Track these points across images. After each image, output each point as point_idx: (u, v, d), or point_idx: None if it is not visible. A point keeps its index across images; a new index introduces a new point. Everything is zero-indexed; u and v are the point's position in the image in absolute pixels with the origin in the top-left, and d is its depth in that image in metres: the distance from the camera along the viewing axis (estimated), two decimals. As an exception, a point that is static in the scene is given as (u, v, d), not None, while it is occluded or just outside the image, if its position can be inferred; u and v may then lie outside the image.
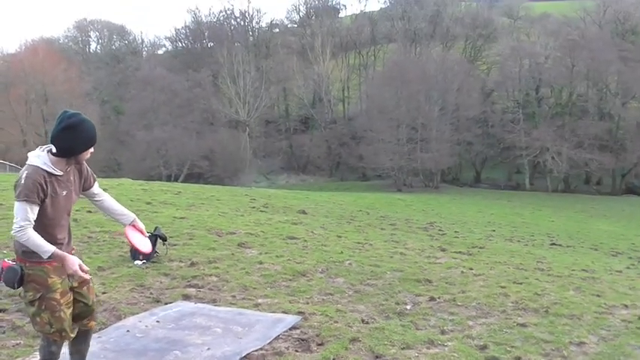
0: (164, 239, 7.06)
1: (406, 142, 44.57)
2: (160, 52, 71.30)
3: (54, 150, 2.95)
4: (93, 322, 3.30)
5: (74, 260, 2.98)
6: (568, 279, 7.35)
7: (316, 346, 4.22)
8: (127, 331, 4.32)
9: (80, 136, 2.95)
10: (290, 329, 4.55)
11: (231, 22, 65.56)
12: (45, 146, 3.01)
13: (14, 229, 2.88)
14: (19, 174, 2.96)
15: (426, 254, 8.73)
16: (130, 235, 3.29)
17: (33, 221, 2.89)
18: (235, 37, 63.30)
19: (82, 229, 8.17)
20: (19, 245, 3.01)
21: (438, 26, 60.08)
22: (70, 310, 3.09)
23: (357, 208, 18.39)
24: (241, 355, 3.98)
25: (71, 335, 3.11)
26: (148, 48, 72.11)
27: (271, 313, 5.01)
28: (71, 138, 2.92)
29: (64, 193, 3.02)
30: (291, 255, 7.64)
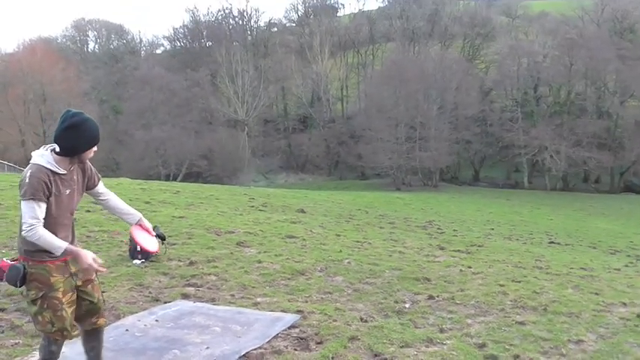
0: (163, 238, 7.03)
1: (405, 141, 44.58)
2: (159, 52, 71.26)
3: (57, 149, 2.96)
4: (102, 320, 3.29)
5: (88, 254, 3.00)
6: (566, 277, 7.37)
7: (315, 345, 4.22)
8: (126, 330, 4.32)
9: (83, 135, 2.97)
10: (289, 328, 4.55)
11: (230, 21, 65.58)
12: (48, 145, 3.02)
13: (24, 229, 2.87)
14: (22, 173, 2.96)
15: (425, 253, 8.74)
16: (136, 235, 3.29)
17: (42, 219, 2.90)
18: (234, 36, 63.25)
19: (81, 228, 8.16)
20: (21, 244, 3.02)
21: (436, 25, 60.11)
22: (72, 309, 3.09)
23: (356, 206, 18.39)
24: (240, 354, 3.98)
25: (73, 334, 3.11)
26: (146, 47, 72.15)
27: (270, 311, 5.01)
28: (74, 137, 2.94)
29: (67, 192, 3.03)
30: (290, 254, 7.64)
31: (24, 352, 3.82)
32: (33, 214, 2.86)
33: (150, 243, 3.33)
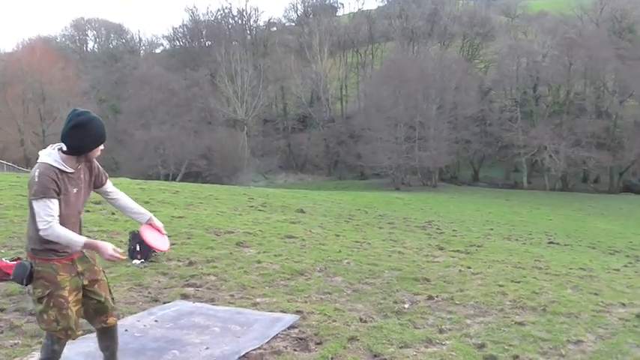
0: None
1: (404, 141, 44.59)
2: (158, 51, 71.27)
3: (64, 148, 2.98)
4: (112, 319, 3.29)
5: (107, 245, 3.02)
6: (566, 277, 7.37)
7: (314, 345, 4.22)
8: (126, 331, 4.31)
9: (90, 134, 3.00)
10: (288, 328, 4.56)
11: (229, 20, 65.60)
12: (55, 144, 3.04)
13: (41, 228, 2.88)
14: (30, 173, 2.98)
15: (424, 253, 8.74)
16: (146, 234, 3.29)
17: (57, 216, 2.91)
18: (233, 35, 63.25)
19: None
20: (28, 242, 3.04)
21: (435, 24, 60.14)
22: (77, 308, 3.11)
23: (356, 206, 18.39)
24: (240, 355, 3.98)
25: (77, 334, 3.12)
26: (145, 47, 72.20)
27: (269, 312, 5.01)
28: (81, 136, 2.97)
29: (74, 190, 3.05)
30: (290, 254, 7.64)
31: (23, 352, 3.82)
32: (47, 211, 2.88)
33: (160, 242, 3.32)
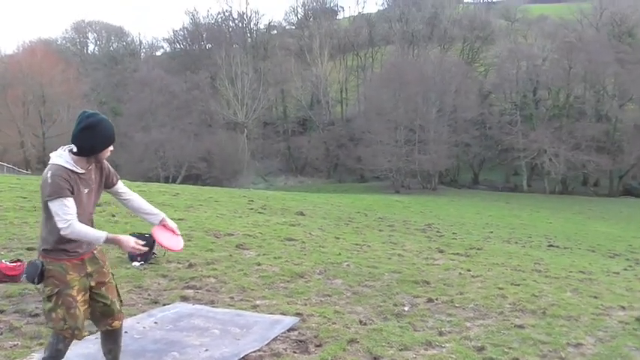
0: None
1: (404, 144, 44.62)
2: (158, 54, 71.31)
3: (75, 149, 3.02)
4: (117, 322, 3.31)
5: (129, 239, 3.07)
6: (565, 280, 7.38)
7: (314, 348, 4.22)
8: (125, 333, 4.28)
9: (99, 135, 3.03)
10: (288, 331, 4.56)
11: (229, 23, 65.67)
12: (66, 146, 3.07)
13: (61, 227, 2.91)
14: (43, 175, 3.01)
15: (424, 256, 8.74)
16: (158, 235, 3.29)
17: (75, 213, 2.95)
18: (233, 38, 63.33)
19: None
20: (40, 242, 3.09)
21: (435, 28, 60.21)
22: (85, 309, 3.13)
23: (355, 209, 18.39)
24: (239, 357, 3.98)
25: (83, 335, 3.15)
26: (145, 49, 72.21)
27: (269, 314, 5.01)
28: (91, 137, 3.00)
29: (85, 191, 3.09)
30: (289, 256, 7.64)
31: (23, 353, 3.82)
32: (65, 210, 2.92)
33: (173, 242, 3.32)
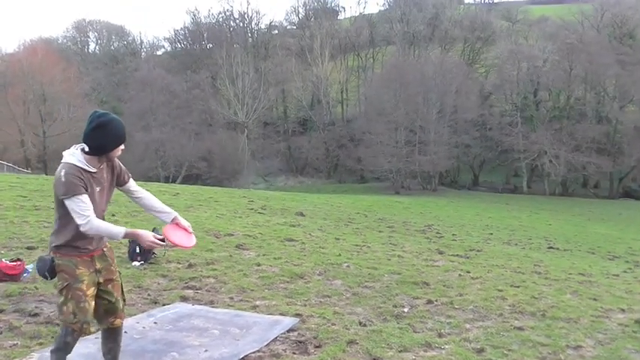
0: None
1: (404, 145, 44.64)
2: (159, 53, 71.31)
3: (86, 148, 3.05)
4: (119, 320, 3.36)
5: (148, 233, 3.15)
6: (565, 282, 7.38)
7: (314, 349, 4.22)
8: (125, 333, 4.28)
9: (111, 134, 3.06)
10: (287, 331, 4.56)
11: (230, 23, 65.66)
12: (78, 145, 3.11)
13: (80, 223, 2.96)
14: (56, 174, 3.05)
15: (424, 257, 8.74)
16: (169, 233, 3.31)
17: (92, 209, 3.00)
18: (234, 38, 63.33)
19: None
20: (52, 238, 3.14)
21: (436, 29, 60.23)
22: (94, 304, 3.18)
23: (355, 210, 18.39)
24: (239, 357, 3.97)
25: (91, 330, 3.19)
26: (146, 49, 72.19)
27: (269, 315, 5.01)
28: (102, 136, 3.04)
29: (98, 189, 3.13)
30: (289, 257, 7.64)
31: (22, 353, 3.81)
32: (82, 207, 2.97)
33: (185, 240, 3.34)
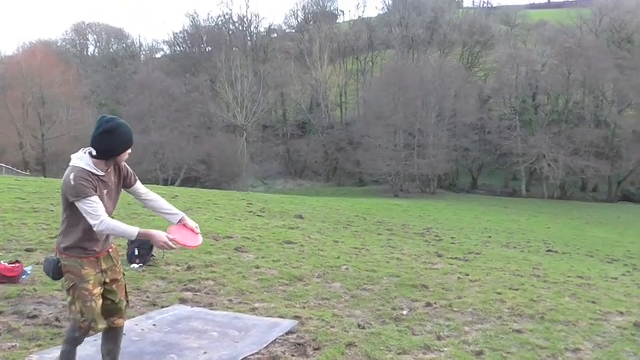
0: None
1: (403, 148, 44.69)
2: (158, 56, 71.34)
3: (94, 152, 3.10)
4: (121, 320, 3.40)
5: (161, 234, 3.15)
6: (564, 285, 7.38)
7: (312, 351, 4.22)
8: (124, 334, 4.30)
9: (118, 139, 3.11)
10: (286, 334, 4.56)
11: (230, 26, 65.77)
12: (86, 148, 3.15)
13: (94, 223, 3.00)
14: (64, 177, 3.09)
15: (423, 260, 8.75)
16: (173, 233, 3.33)
17: (104, 210, 3.04)
18: (233, 41, 63.40)
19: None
20: (60, 238, 3.18)
21: (435, 33, 60.35)
22: (100, 302, 3.23)
23: (354, 213, 18.40)
24: (237, 359, 3.98)
25: (99, 327, 3.22)
26: (145, 51, 72.25)
27: (268, 317, 5.01)
28: (110, 141, 3.09)
29: (105, 192, 3.17)
30: (288, 259, 7.64)
31: (21, 355, 3.81)
32: (95, 208, 3.01)
33: (190, 239, 3.35)
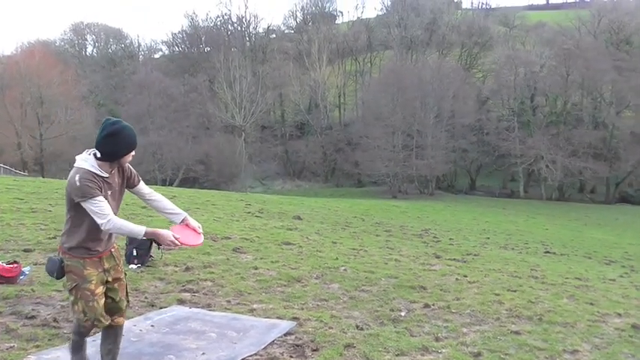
0: (159, 243, 7.04)
1: (401, 149, 44.71)
2: (157, 56, 71.31)
3: (98, 154, 3.14)
4: (121, 319, 3.44)
5: (168, 233, 3.26)
6: (562, 287, 7.39)
7: (311, 352, 4.22)
8: (122, 335, 4.30)
9: (122, 142, 3.18)
10: (285, 335, 4.56)
11: (228, 27, 65.74)
12: (90, 150, 3.19)
13: (101, 223, 3.05)
14: (69, 178, 3.12)
15: (421, 261, 8.75)
16: (177, 231, 3.36)
17: (110, 209, 3.09)
18: (232, 42, 63.37)
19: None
20: (64, 238, 3.22)
21: (434, 34, 60.42)
22: (103, 301, 3.27)
23: (353, 214, 18.40)
24: (236, 361, 3.98)
25: (104, 323, 3.27)
26: (144, 52, 72.25)
27: (266, 318, 5.01)
28: (114, 143, 3.14)
29: (109, 193, 3.22)
30: (286, 261, 7.64)
31: (19, 355, 3.81)
32: (101, 208, 3.06)
33: (191, 238, 3.42)
